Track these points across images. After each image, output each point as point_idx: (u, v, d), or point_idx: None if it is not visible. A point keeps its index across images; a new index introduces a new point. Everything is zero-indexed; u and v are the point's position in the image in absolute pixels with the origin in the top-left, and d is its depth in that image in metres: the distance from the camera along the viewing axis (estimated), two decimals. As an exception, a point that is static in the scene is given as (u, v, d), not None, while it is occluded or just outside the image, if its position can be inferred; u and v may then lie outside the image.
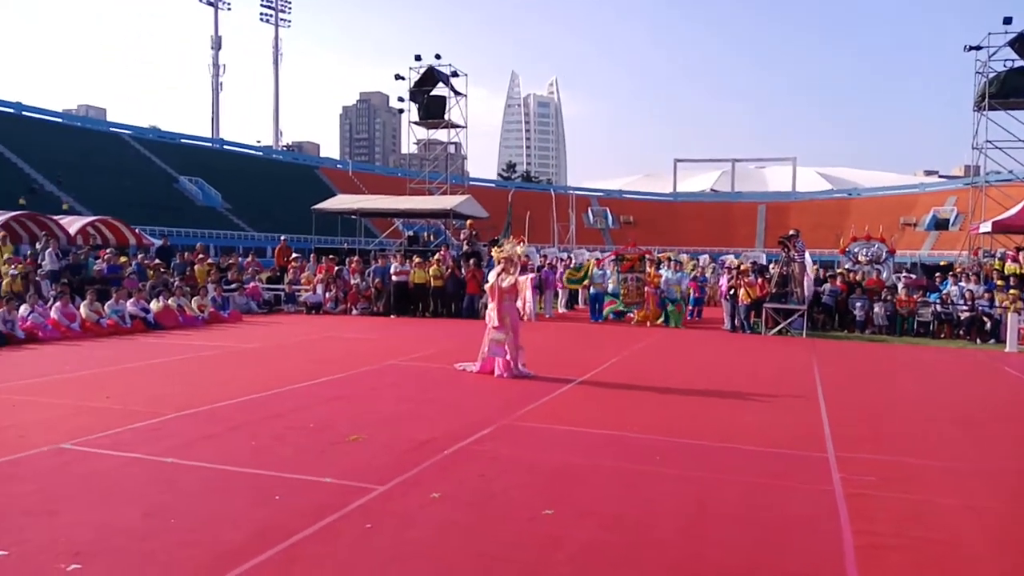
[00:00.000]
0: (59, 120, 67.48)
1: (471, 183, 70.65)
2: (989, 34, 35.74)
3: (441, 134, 47.05)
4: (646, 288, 21.27)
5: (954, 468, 7.28)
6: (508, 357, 11.60)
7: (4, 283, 16.77)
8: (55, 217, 26.25)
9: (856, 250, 23.32)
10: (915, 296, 20.88)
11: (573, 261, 26.54)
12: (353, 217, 36.15)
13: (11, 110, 61.36)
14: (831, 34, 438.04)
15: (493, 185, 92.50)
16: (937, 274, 23.73)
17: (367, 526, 5.18)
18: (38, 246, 20.62)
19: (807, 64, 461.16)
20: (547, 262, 25.07)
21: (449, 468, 6.64)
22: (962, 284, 21.11)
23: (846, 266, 22.91)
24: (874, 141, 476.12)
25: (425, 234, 39.75)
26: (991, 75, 36.22)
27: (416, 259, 22.85)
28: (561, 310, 24.82)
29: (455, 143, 49.46)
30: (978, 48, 36.16)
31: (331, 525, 5.18)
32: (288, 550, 4.74)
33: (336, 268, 23.74)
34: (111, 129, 70.36)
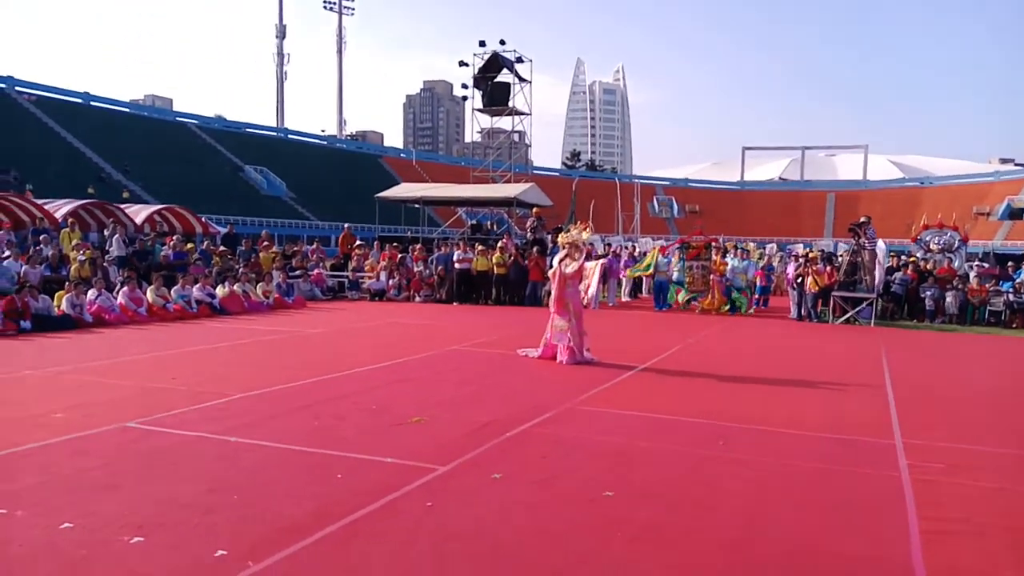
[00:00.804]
0: (126, 110, 68.87)
1: (535, 172, 70.50)
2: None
3: (505, 122, 46.89)
4: (712, 276, 20.93)
5: (1028, 457, 7.03)
6: (571, 343, 11.50)
7: (72, 268, 17.23)
8: (122, 206, 26.90)
9: (928, 238, 22.69)
10: (987, 285, 20.28)
11: (637, 250, 26.25)
12: (416, 206, 36.40)
13: (79, 100, 62.82)
14: (905, 19, 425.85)
15: (557, 174, 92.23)
16: (1010, 263, 22.94)
17: (428, 504, 5.18)
18: (106, 233, 21.15)
19: (880, 50, 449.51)
20: (611, 250, 24.84)
21: (510, 450, 6.60)
22: (1039, 272, 20.39)
23: (917, 254, 22.28)
24: (948, 128, 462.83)
25: (488, 223, 39.74)
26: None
27: (479, 247, 22.85)
28: (624, 299, 24.60)
29: (519, 132, 49.37)
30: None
31: (391, 503, 5.19)
32: (348, 526, 4.76)
33: (399, 255, 23.90)
34: (177, 119, 71.74)
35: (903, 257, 23.46)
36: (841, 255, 20.72)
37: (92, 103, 63.75)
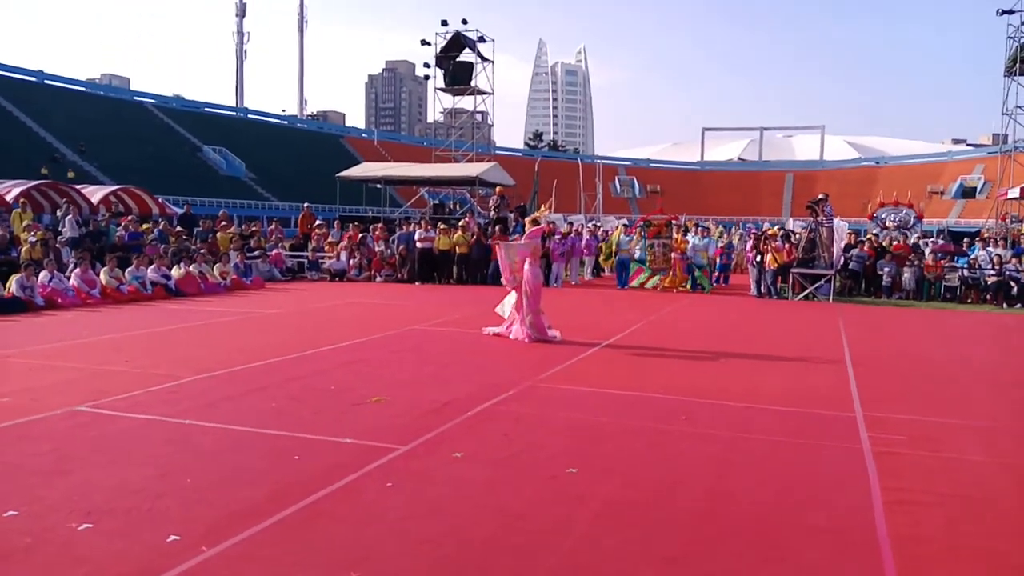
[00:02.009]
0: (82, 88, 67.01)
1: (497, 152, 70.16)
2: (1023, -1, 35.00)
3: (467, 102, 46.69)
4: (672, 254, 20.99)
5: (984, 427, 7.17)
6: (524, 321, 11.43)
7: (23, 250, 16.76)
8: (77, 186, 26.26)
9: (884, 216, 23.01)
10: (942, 261, 20.60)
11: (600, 229, 26.21)
12: (378, 186, 35.98)
13: (33, 78, 60.87)
14: (857, 2, 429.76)
15: (520, 154, 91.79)
16: (965, 239, 23.33)
17: (388, 484, 5.08)
18: (59, 213, 20.63)
19: (835, 32, 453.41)
20: (573, 229, 24.80)
21: (472, 428, 6.53)
22: (990, 249, 20.82)
23: (874, 231, 22.55)
24: (902, 110, 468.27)
25: (451, 203, 39.49)
26: (1023, 40, 35.49)
27: (441, 226, 22.66)
28: (587, 277, 24.60)
29: (481, 112, 49.06)
30: (1010, 12, 35.41)
31: (351, 484, 5.09)
32: (307, 508, 4.65)
33: (360, 235, 23.61)
34: (135, 98, 70.07)
35: (860, 235, 23.75)
36: (799, 232, 20.90)
37: (47, 81, 61.98)
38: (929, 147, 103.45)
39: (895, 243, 21.68)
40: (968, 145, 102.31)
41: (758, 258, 20.07)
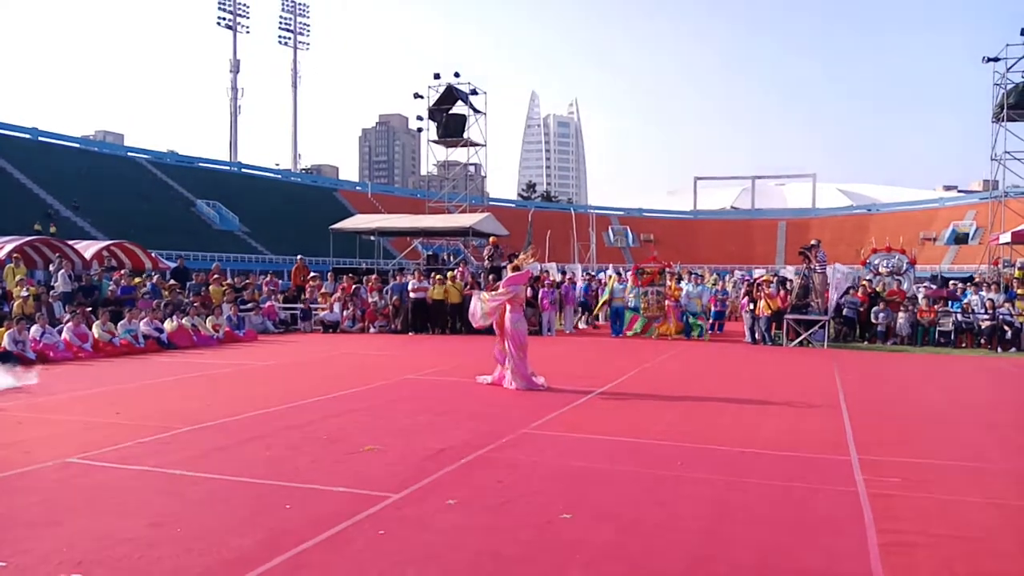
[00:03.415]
0: (76, 145, 67.67)
1: (491, 203, 70.70)
2: (1007, 45, 35.72)
3: (460, 154, 47.10)
4: (667, 301, 21.04)
5: (980, 468, 7.13)
6: (511, 367, 11.43)
7: (15, 305, 16.79)
8: (70, 242, 26.35)
9: (876, 262, 23.07)
10: (935, 306, 20.67)
11: (604, 282, 26.15)
12: (371, 238, 36.14)
13: (27, 135, 61.44)
14: (847, 52, 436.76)
15: (513, 205, 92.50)
16: (954, 282, 23.44)
17: (380, 532, 5.04)
18: (51, 268, 20.67)
19: (825, 82, 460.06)
20: (567, 278, 24.89)
21: (466, 475, 6.49)
22: (982, 293, 20.90)
23: (867, 278, 22.63)
24: (894, 157, 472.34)
25: (444, 254, 39.65)
26: (1009, 87, 36.18)
27: (436, 276, 22.72)
28: (582, 325, 24.61)
29: (474, 164, 49.50)
30: (996, 60, 36.08)
31: (343, 532, 5.04)
32: (297, 557, 4.61)
33: (354, 286, 23.66)
34: (128, 154, 70.69)
35: (853, 279, 23.83)
36: (793, 278, 20.97)
37: (41, 138, 62.50)
38: (921, 194, 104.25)
39: (888, 289, 21.75)
40: (959, 191, 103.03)
41: (751, 305, 20.12)
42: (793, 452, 7.52)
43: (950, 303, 21.05)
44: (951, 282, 23.19)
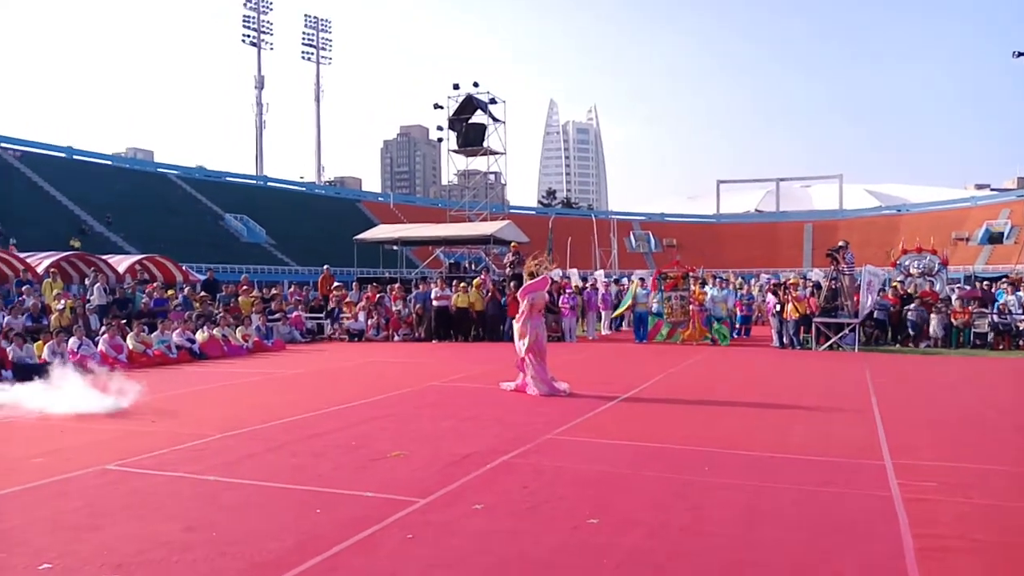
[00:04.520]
0: (108, 163, 69.34)
1: (511, 211, 70.76)
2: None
3: (480, 163, 47.17)
4: (691, 306, 20.95)
5: (1020, 473, 7.01)
6: (532, 374, 11.48)
7: (53, 318, 17.16)
8: (104, 256, 26.83)
9: (907, 263, 22.80)
10: (970, 307, 20.30)
11: (627, 285, 26.11)
12: (394, 248, 36.35)
13: (63, 154, 63.22)
14: (874, 49, 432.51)
15: (533, 212, 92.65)
16: (985, 282, 23.02)
17: (408, 536, 5.10)
18: (87, 282, 21.06)
19: (850, 80, 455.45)
20: (589, 284, 24.90)
21: (492, 480, 6.54)
22: (1020, 293, 20.49)
23: (898, 279, 22.38)
24: (922, 156, 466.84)
25: (466, 262, 39.81)
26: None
27: (461, 284, 22.83)
28: (604, 332, 24.60)
29: (494, 172, 49.63)
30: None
31: (371, 536, 5.11)
32: (328, 560, 4.68)
33: (378, 296, 23.84)
34: (159, 170, 72.00)
35: (884, 281, 23.57)
36: (822, 281, 20.76)
37: (75, 156, 64.04)
38: (951, 193, 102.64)
39: (920, 290, 21.44)
40: (992, 190, 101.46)
41: (777, 308, 19.98)
42: (824, 456, 7.46)
43: (990, 303, 20.55)
44: (983, 282, 22.79)
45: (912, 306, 20.32)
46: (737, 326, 22.42)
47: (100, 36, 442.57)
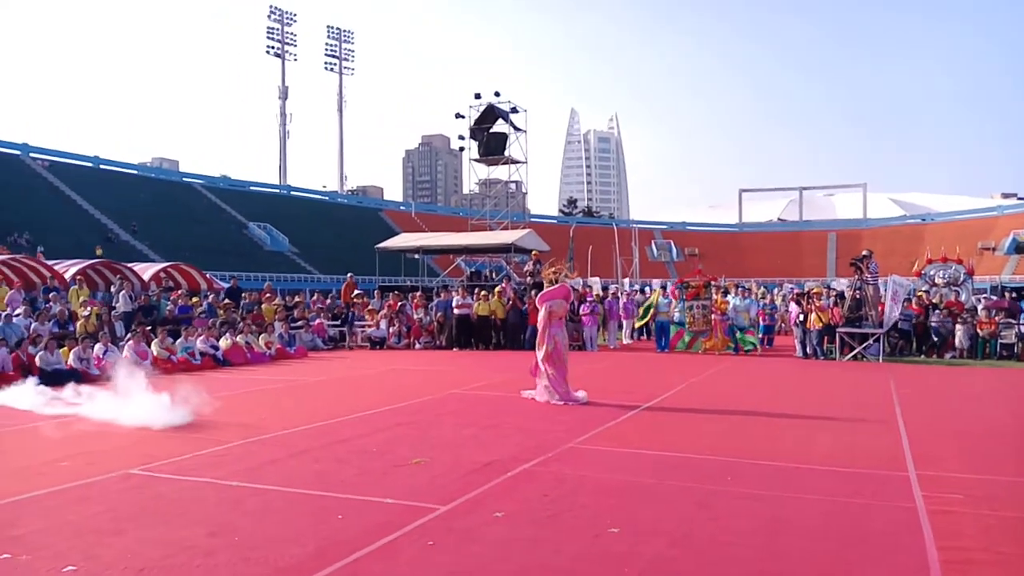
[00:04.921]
0: (134, 172, 70.21)
1: (532, 220, 70.87)
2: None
3: (502, 172, 47.28)
4: (713, 316, 20.84)
5: (1047, 485, 6.90)
6: (548, 383, 11.47)
7: (79, 324, 17.37)
8: (130, 264, 27.06)
9: (932, 272, 22.57)
10: (996, 318, 20.04)
11: (649, 294, 26.06)
12: (416, 256, 36.47)
13: (89, 164, 64.17)
14: (897, 57, 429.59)
15: (554, 221, 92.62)
16: (1012, 292, 22.72)
17: (429, 543, 5.10)
18: (112, 289, 21.28)
19: (874, 89, 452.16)
20: (611, 293, 24.86)
21: (512, 488, 6.53)
22: (1047, 303, 20.21)
23: (923, 289, 22.15)
24: (947, 165, 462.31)
25: (487, 271, 39.88)
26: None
27: (483, 293, 22.86)
28: (626, 341, 24.52)
29: (515, 181, 49.71)
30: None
31: (393, 543, 5.12)
32: (349, 566, 4.69)
33: (399, 304, 23.93)
34: (184, 179, 72.88)
35: (909, 291, 23.31)
36: (846, 291, 20.56)
37: (102, 166, 64.92)
38: (977, 202, 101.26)
39: (946, 300, 21.19)
40: (1019, 199, 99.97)
41: (801, 317, 19.82)
42: (848, 468, 7.39)
43: (1016, 315, 20.25)
44: (1010, 292, 22.47)
45: (937, 316, 20.09)
46: (761, 336, 22.25)
47: (128, 48, 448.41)
